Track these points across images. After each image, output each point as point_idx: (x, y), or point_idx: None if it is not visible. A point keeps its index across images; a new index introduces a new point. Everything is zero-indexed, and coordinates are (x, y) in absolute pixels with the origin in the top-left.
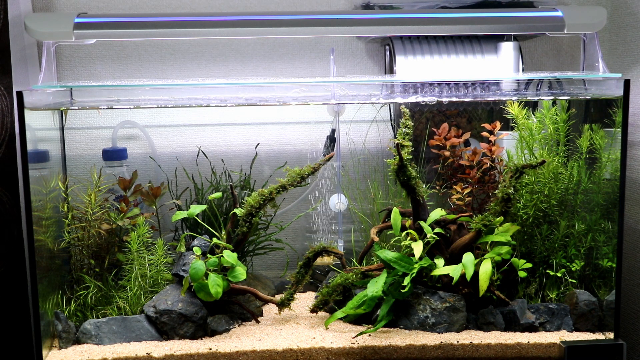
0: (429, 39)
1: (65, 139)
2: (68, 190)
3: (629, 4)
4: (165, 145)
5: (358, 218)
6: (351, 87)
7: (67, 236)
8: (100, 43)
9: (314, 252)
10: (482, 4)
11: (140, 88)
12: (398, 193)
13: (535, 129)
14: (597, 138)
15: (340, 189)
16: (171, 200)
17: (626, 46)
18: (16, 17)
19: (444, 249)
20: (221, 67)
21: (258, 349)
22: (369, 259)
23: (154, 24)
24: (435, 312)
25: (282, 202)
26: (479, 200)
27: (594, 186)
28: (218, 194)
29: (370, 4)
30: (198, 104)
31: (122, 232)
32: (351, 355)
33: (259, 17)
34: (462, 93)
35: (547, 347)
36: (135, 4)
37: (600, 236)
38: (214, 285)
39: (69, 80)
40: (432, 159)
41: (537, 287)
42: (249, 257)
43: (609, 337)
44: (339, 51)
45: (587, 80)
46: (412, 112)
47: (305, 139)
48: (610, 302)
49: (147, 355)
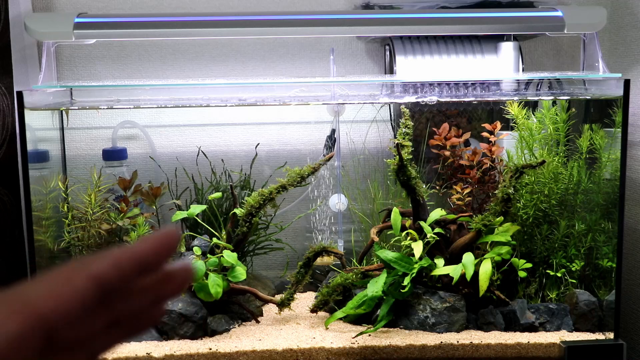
0: (429, 39)
1: (65, 139)
2: (68, 190)
3: (629, 4)
4: (165, 145)
5: (358, 218)
6: (351, 87)
7: (67, 236)
8: (100, 43)
9: (314, 252)
10: (482, 4)
11: (140, 88)
12: (398, 193)
13: (535, 129)
14: (597, 138)
15: (340, 189)
16: (171, 200)
17: (626, 46)
18: (16, 17)
19: (444, 249)
20: (221, 67)
21: (258, 349)
22: (369, 259)
23: (154, 24)
24: (435, 312)
25: (282, 202)
26: (479, 200)
27: (594, 186)
28: (218, 194)
29: (370, 4)
30: (198, 104)
31: (122, 232)
32: (351, 355)
33: (259, 17)
34: (462, 93)
35: (547, 347)
36: (135, 4)
37: (600, 236)
38: (214, 285)
39: (69, 80)
40: (432, 159)
41: (537, 287)
42: (249, 257)
43: (609, 337)
44: (339, 51)
45: (587, 80)
46: (412, 112)
47: (305, 139)
48: (610, 302)
49: (147, 355)
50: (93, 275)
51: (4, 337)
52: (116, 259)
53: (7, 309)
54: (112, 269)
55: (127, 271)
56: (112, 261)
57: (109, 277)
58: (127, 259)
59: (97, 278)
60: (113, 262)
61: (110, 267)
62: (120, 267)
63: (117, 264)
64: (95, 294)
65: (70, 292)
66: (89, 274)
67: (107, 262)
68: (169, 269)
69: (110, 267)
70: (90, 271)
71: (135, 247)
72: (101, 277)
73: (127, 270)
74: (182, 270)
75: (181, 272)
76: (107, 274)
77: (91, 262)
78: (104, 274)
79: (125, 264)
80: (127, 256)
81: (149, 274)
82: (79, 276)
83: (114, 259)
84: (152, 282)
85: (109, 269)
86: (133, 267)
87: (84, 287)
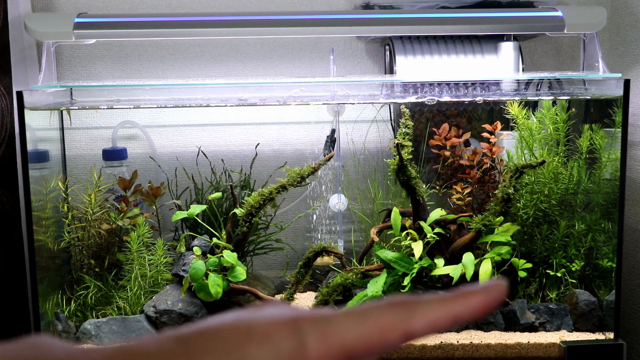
0: (429, 39)
1: (65, 139)
2: (68, 190)
3: (629, 4)
4: (165, 145)
5: (358, 218)
6: (351, 87)
7: (67, 236)
8: (100, 43)
9: (314, 252)
10: (482, 4)
11: (140, 88)
12: (398, 193)
13: (535, 129)
14: (597, 138)
15: (340, 189)
16: (171, 200)
17: (626, 46)
18: (16, 17)
19: (444, 249)
20: (221, 67)
21: None
22: (369, 259)
23: (154, 24)
24: None
25: (282, 202)
26: (479, 200)
27: (594, 186)
28: (218, 194)
29: (370, 4)
30: (198, 104)
31: (122, 232)
32: None
33: (259, 17)
34: (462, 93)
35: (547, 347)
36: (135, 4)
37: (600, 236)
38: (214, 285)
39: (69, 80)
40: (432, 159)
41: (537, 287)
42: (249, 257)
43: (609, 337)
44: (339, 51)
45: (587, 80)
46: (412, 112)
47: (305, 139)
48: (610, 302)
49: None
50: (407, 333)
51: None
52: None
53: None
54: (427, 330)
55: (438, 331)
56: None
57: (419, 336)
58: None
59: (409, 336)
60: (430, 322)
61: (425, 328)
62: (435, 329)
63: (434, 326)
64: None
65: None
66: (406, 331)
67: (424, 321)
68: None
69: (425, 329)
70: (407, 328)
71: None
72: (413, 336)
73: (439, 331)
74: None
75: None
76: (421, 335)
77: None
78: (417, 333)
79: (441, 327)
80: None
81: None
82: (395, 329)
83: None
84: None
85: (424, 330)
86: (446, 328)
87: (394, 342)
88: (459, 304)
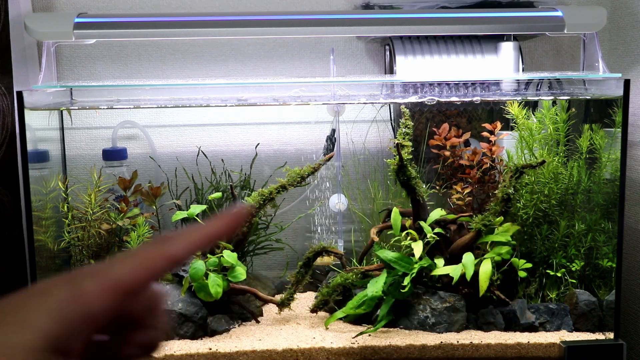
0: (429, 39)
1: (65, 139)
2: (68, 190)
3: (629, 4)
4: (165, 145)
5: (358, 218)
6: (351, 87)
7: (67, 236)
8: (100, 43)
9: (314, 252)
10: (482, 4)
11: (140, 88)
12: (398, 193)
13: (535, 129)
14: (597, 138)
15: (340, 189)
16: (171, 200)
17: (626, 46)
18: (16, 17)
19: (444, 249)
20: (221, 67)
21: (258, 349)
22: (369, 259)
23: (154, 24)
24: (435, 312)
25: (282, 202)
26: (479, 200)
27: (594, 186)
28: (218, 194)
29: (370, 4)
30: (198, 104)
31: (122, 232)
32: (351, 355)
33: (259, 17)
34: (462, 93)
35: (547, 347)
36: (135, 4)
37: (600, 236)
38: (214, 285)
39: (69, 80)
40: (432, 159)
41: (537, 287)
42: (249, 257)
43: (609, 337)
44: (339, 51)
45: (587, 80)
46: (412, 112)
47: (305, 139)
48: (610, 302)
49: None
50: (169, 257)
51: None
52: (190, 241)
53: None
54: (186, 251)
55: (197, 250)
56: (186, 244)
57: (182, 258)
58: (199, 241)
59: (173, 259)
60: (187, 244)
61: (184, 249)
62: (193, 248)
63: (191, 246)
64: (168, 272)
65: (149, 271)
66: (166, 255)
67: (181, 244)
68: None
69: (184, 250)
70: (167, 252)
71: (207, 228)
72: (176, 258)
73: (197, 250)
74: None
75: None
76: (182, 256)
77: (167, 243)
78: (178, 255)
79: (198, 246)
80: (200, 237)
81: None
82: (157, 257)
83: (188, 241)
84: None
85: (183, 251)
86: (204, 247)
87: (161, 268)
88: (210, 225)
